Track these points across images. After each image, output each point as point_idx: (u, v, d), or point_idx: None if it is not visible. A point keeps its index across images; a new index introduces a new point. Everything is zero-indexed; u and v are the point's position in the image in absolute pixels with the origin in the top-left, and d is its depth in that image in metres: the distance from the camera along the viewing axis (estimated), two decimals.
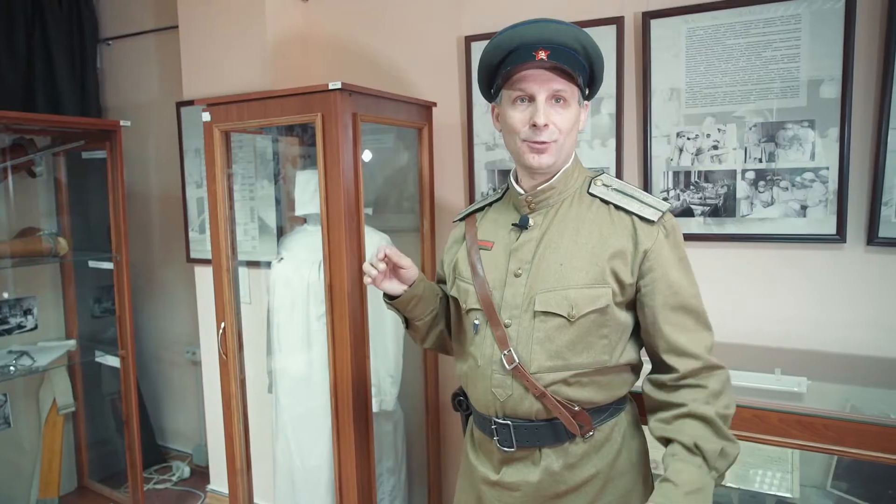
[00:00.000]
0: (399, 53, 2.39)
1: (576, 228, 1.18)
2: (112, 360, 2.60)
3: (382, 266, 1.26)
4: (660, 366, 1.17)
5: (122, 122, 2.41)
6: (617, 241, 1.14)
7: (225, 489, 2.87)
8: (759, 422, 1.37)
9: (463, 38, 2.22)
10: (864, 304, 1.76)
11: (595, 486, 1.20)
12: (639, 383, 1.26)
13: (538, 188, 1.21)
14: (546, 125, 1.13)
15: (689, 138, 1.91)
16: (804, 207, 1.79)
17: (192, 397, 3.29)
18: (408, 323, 1.42)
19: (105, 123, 2.41)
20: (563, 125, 1.15)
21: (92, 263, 2.65)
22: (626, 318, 1.16)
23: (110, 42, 3.25)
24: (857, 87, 1.70)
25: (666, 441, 1.13)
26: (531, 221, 1.21)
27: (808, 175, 1.78)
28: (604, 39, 1.92)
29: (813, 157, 1.77)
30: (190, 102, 2.64)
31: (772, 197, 1.83)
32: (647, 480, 1.26)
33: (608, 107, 2.00)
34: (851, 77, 1.69)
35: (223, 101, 1.94)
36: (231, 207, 2.03)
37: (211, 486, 2.93)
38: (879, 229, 1.72)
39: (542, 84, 1.13)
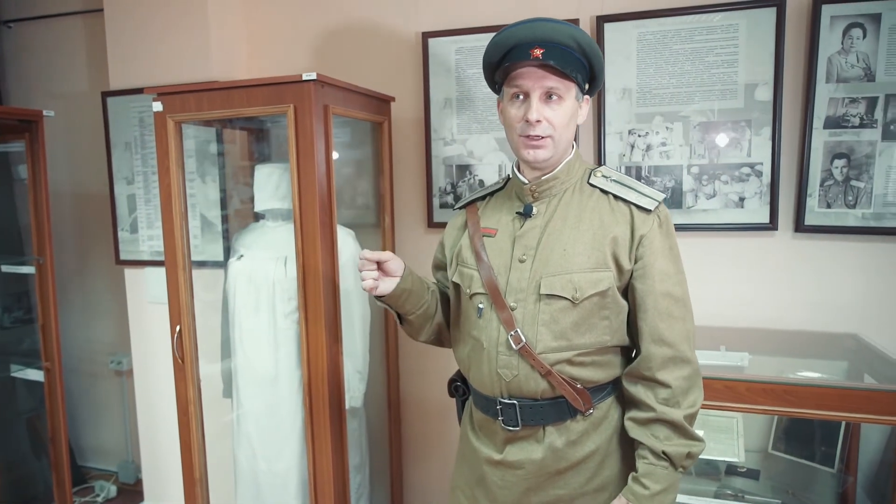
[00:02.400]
0: (351, 48, 2.36)
1: (578, 216, 1.24)
2: (34, 374, 2.37)
3: (374, 270, 1.32)
4: (638, 353, 1.25)
5: (45, 112, 2.20)
6: (617, 229, 1.22)
7: None
8: (729, 392, 1.51)
9: (420, 34, 2.23)
10: (793, 285, 1.98)
11: (594, 462, 1.26)
12: None
13: (542, 178, 1.26)
14: (539, 121, 1.19)
15: (639, 135, 2.05)
16: (742, 199, 1.98)
17: (116, 410, 3.06)
18: (401, 318, 1.42)
19: (25, 113, 2.18)
20: (556, 120, 1.21)
21: (6, 268, 2.39)
22: (623, 301, 1.24)
23: (11, 25, 2.95)
24: (787, 91, 1.91)
25: (638, 440, 1.22)
26: (535, 210, 1.27)
27: (745, 170, 1.97)
28: None
29: (749, 153, 1.96)
30: (118, 92, 2.47)
31: (714, 190, 2.01)
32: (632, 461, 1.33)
33: None
34: (782, 82, 1.90)
35: (178, 90, 1.83)
36: (185, 203, 1.92)
37: (145, 503, 2.74)
38: (805, 218, 1.94)
39: (535, 81, 1.19)
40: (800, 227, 1.94)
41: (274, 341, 1.93)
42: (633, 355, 1.28)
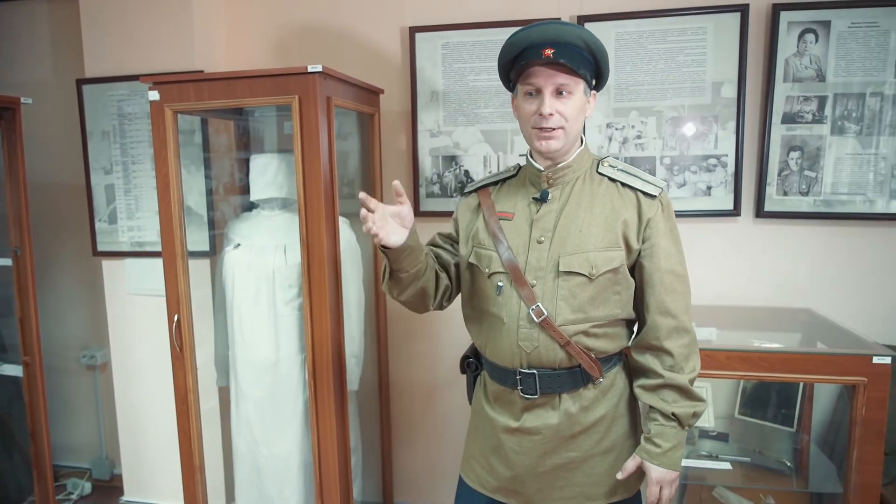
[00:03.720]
0: (338, 41, 2.40)
1: (590, 202, 1.36)
2: (11, 370, 2.30)
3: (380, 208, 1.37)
4: (643, 324, 1.39)
5: (22, 99, 2.14)
6: (625, 213, 1.35)
7: (143, 498, 2.71)
8: (710, 360, 1.68)
9: (407, 29, 2.30)
10: (754, 265, 2.18)
11: (603, 426, 1.40)
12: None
13: (557, 166, 1.38)
14: (551, 114, 1.31)
15: (616, 129, 2.20)
16: (709, 188, 2.17)
17: (88, 406, 2.99)
18: (391, 273, 1.44)
19: (1, 100, 2.11)
20: (567, 112, 1.33)
21: None
22: (631, 278, 1.38)
23: None
24: (749, 89, 2.10)
25: (648, 405, 1.37)
26: (550, 195, 1.38)
27: (712, 161, 2.15)
28: None
29: (716, 146, 2.14)
30: (94, 80, 2.42)
31: (684, 179, 2.18)
32: (638, 424, 1.48)
33: None
34: (745, 80, 2.08)
35: (177, 79, 1.84)
36: (181, 192, 1.93)
37: (125, 498, 2.72)
38: (765, 205, 2.14)
39: (547, 79, 1.31)
40: (760, 212, 2.14)
41: (274, 328, 1.97)
42: (637, 329, 1.42)
